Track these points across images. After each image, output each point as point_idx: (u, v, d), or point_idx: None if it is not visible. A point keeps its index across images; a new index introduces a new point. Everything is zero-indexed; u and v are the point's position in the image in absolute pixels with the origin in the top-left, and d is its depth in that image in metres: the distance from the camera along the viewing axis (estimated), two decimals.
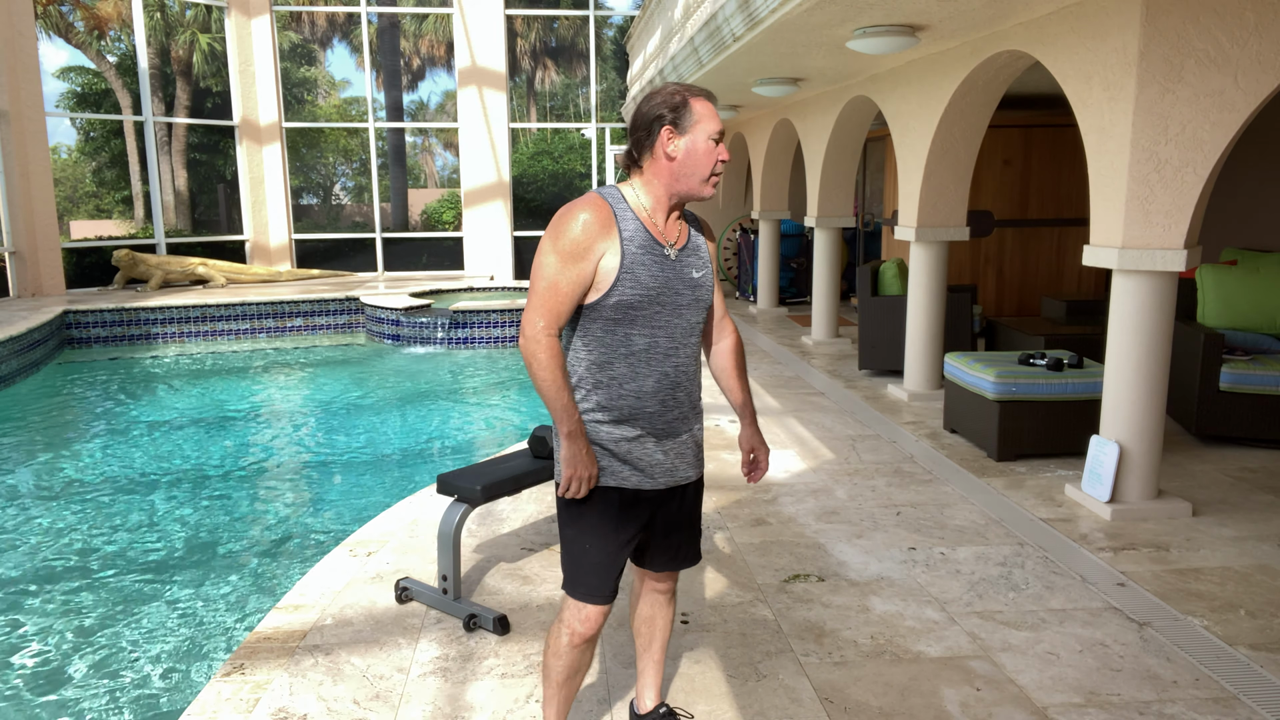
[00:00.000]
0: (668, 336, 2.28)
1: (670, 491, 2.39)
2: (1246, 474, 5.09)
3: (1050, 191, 9.39)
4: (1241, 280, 6.14)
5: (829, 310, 9.35)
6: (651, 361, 2.27)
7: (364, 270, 15.10)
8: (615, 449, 2.29)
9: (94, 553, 4.90)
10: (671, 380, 2.30)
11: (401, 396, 8.41)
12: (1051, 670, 3.05)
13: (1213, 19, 3.98)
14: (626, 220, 2.22)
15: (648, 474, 2.32)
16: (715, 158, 2.24)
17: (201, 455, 6.69)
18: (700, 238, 2.38)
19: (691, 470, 2.41)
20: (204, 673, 3.62)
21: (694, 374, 2.37)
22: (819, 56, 6.56)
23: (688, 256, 2.31)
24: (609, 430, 2.29)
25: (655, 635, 2.60)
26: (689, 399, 2.36)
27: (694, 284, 2.30)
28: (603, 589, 2.32)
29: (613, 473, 2.30)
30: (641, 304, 2.22)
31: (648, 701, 2.65)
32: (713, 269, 2.40)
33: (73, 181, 20.47)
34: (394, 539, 4.22)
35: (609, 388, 2.27)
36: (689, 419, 2.38)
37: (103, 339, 11.03)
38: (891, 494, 4.81)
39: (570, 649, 2.38)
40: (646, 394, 2.27)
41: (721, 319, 2.51)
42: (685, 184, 2.24)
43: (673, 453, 2.35)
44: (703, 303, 2.33)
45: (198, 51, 16.33)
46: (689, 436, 2.39)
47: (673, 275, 2.26)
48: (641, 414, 2.29)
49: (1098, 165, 4.46)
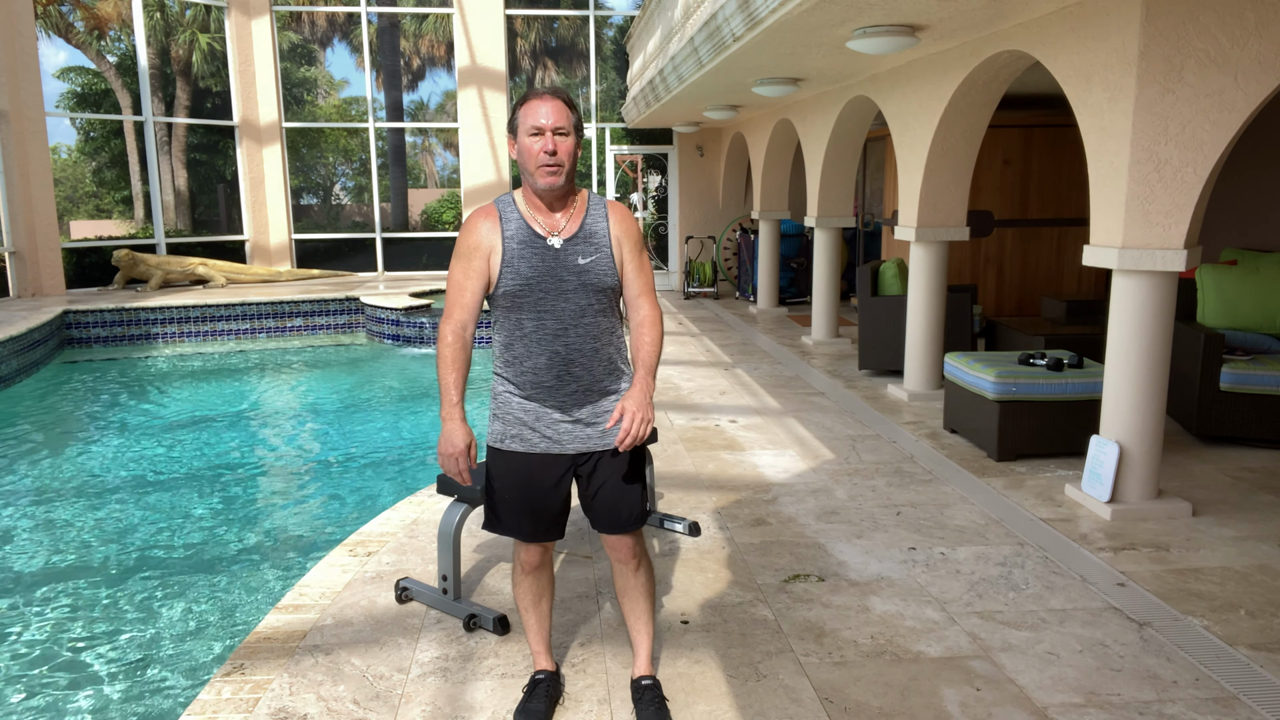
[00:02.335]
0: (555, 319, 2.54)
1: (588, 456, 2.65)
2: (1246, 474, 5.09)
3: (1050, 191, 9.39)
4: (1241, 280, 6.13)
5: (829, 310, 9.35)
6: (542, 341, 2.55)
7: (364, 270, 15.10)
8: (524, 418, 2.62)
9: (93, 553, 4.90)
10: (563, 358, 2.56)
11: (401, 396, 8.41)
12: (1051, 670, 3.05)
13: (1213, 19, 3.98)
14: (510, 221, 2.55)
15: (556, 440, 2.62)
16: (537, 150, 2.46)
17: (201, 455, 6.69)
18: (602, 223, 2.60)
19: (609, 439, 2.63)
20: (204, 673, 3.62)
21: (593, 351, 2.59)
22: (819, 56, 6.56)
23: (576, 245, 2.55)
24: (519, 402, 2.62)
25: (629, 605, 2.81)
26: (589, 375, 2.59)
27: (579, 270, 2.54)
28: (522, 530, 2.69)
29: (523, 439, 2.62)
30: (524, 291, 2.52)
31: (636, 669, 2.87)
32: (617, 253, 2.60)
33: (73, 181, 20.46)
34: (394, 539, 4.22)
35: (513, 365, 2.60)
36: (594, 392, 2.61)
37: (103, 339, 11.02)
38: (891, 494, 4.81)
39: (524, 576, 2.79)
40: (541, 370, 2.57)
41: (636, 299, 2.66)
42: (529, 179, 2.52)
43: (582, 422, 2.62)
44: (591, 286, 2.55)
45: (197, 51, 16.33)
46: (597, 406, 2.62)
47: (555, 264, 2.53)
48: (541, 388, 2.59)
49: (1098, 165, 4.46)
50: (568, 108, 2.51)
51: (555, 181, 2.49)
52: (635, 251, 2.65)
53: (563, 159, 2.49)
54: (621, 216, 2.65)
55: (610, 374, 2.64)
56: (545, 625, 2.88)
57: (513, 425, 2.63)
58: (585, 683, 3.00)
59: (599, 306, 2.58)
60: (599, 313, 2.59)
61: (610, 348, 2.63)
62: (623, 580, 2.79)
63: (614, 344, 2.65)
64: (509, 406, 2.63)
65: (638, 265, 2.65)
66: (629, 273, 2.63)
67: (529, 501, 2.65)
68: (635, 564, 2.76)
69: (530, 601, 2.83)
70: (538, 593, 2.82)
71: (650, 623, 2.83)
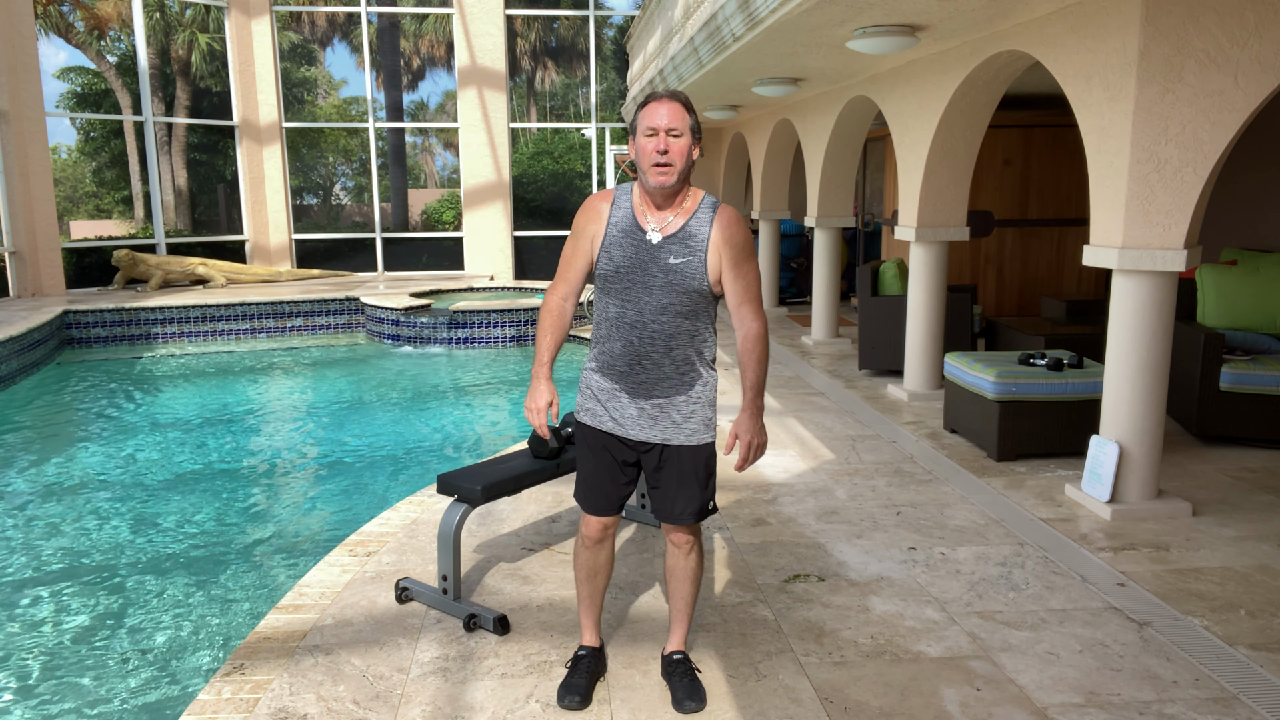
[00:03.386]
0: (635, 310, 2.65)
1: (650, 446, 2.77)
2: (1246, 474, 5.09)
3: (1050, 191, 9.39)
4: (1241, 280, 6.13)
5: (829, 310, 9.35)
6: (621, 328, 2.68)
7: (364, 270, 15.10)
8: (598, 395, 2.78)
9: (92, 553, 4.90)
10: (636, 349, 2.67)
11: (401, 396, 8.41)
12: (1051, 670, 3.05)
13: (1213, 19, 3.98)
14: (620, 208, 2.69)
15: (620, 424, 2.76)
16: (650, 149, 2.58)
17: (201, 455, 6.69)
18: (704, 228, 2.65)
19: (670, 435, 2.74)
20: (204, 673, 3.62)
21: (666, 350, 2.67)
22: (819, 56, 6.56)
23: (672, 244, 2.63)
24: (597, 379, 2.78)
25: (674, 586, 2.93)
26: (659, 370, 2.69)
27: (668, 268, 2.62)
28: (587, 502, 2.83)
29: (593, 414, 2.79)
30: (614, 277, 2.65)
31: (670, 645, 3.00)
32: (714, 259, 2.64)
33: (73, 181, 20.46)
34: (394, 539, 4.22)
35: (598, 343, 2.76)
36: (662, 388, 2.71)
37: (103, 339, 11.02)
38: (891, 494, 4.81)
39: (583, 550, 2.91)
40: (616, 355, 2.71)
41: (738, 308, 2.70)
42: (642, 176, 2.64)
43: (646, 412, 2.73)
44: (677, 286, 2.62)
45: (197, 51, 16.33)
46: (664, 404, 2.72)
47: (647, 258, 2.63)
48: (613, 370, 2.73)
49: (1098, 165, 4.46)
50: (684, 110, 2.61)
51: (665, 180, 2.59)
52: (738, 260, 2.66)
53: (674, 158, 2.58)
54: (727, 222, 2.66)
55: (685, 374, 2.72)
56: (596, 601, 2.99)
57: (588, 399, 2.81)
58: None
59: (682, 307, 2.64)
60: (680, 313, 2.65)
61: (689, 349, 2.70)
62: (674, 560, 2.91)
63: (695, 346, 2.70)
64: (588, 381, 2.81)
65: (738, 273, 2.66)
66: (729, 280, 2.67)
67: (596, 473, 2.81)
68: (688, 549, 2.88)
69: (585, 575, 2.95)
70: (593, 568, 2.93)
71: (691, 605, 2.96)
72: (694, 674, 2.92)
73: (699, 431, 2.75)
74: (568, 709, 2.83)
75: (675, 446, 2.75)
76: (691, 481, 2.77)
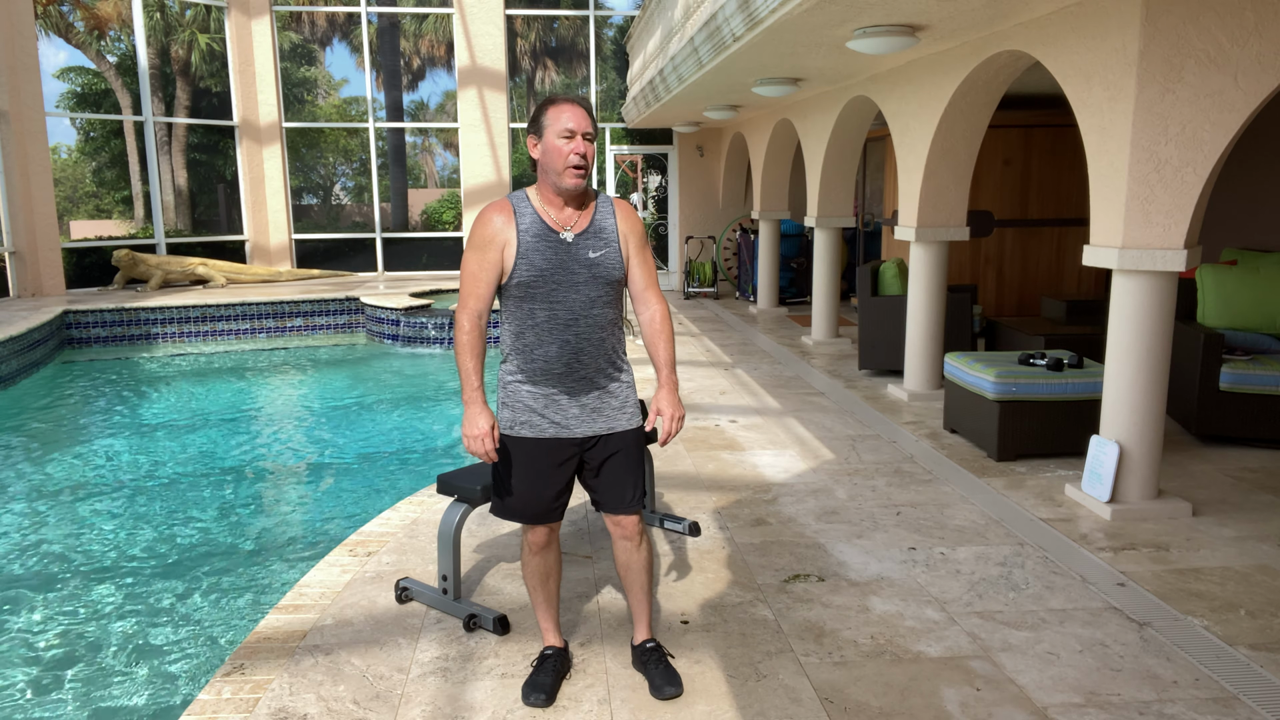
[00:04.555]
0: (566, 309, 2.71)
1: (595, 441, 2.82)
2: (1246, 474, 5.09)
3: (1050, 191, 9.39)
4: (1241, 280, 6.13)
5: (829, 310, 9.35)
6: (554, 331, 2.72)
7: (364, 270, 15.10)
8: (533, 405, 2.78)
9: (92, 553, 4.90)
10: (573, 347, 2.73)
11: (401, 396, 8.41)
12: (1051, 670, 3.05)
13: (1213, 19, 3.98)
14: (524, 215, 2.71)
15: (564, 425, 2.79)
16: (568, 151, 2.63)
17: (201, 455, 6.69)
18: (610, 220, 2.78)
19: (614, 423, 2.82)
20: (204, 673, 3.62)
21: (600, 340, 2.76)
22: (819, 56, 6.56)
23: (587, 239, 2.73)
24: (528, 390, 2.78)
25: (631, 580, 2.98)
26: (595, 363, 2.77)
27: (590, 263, 2.71)
28: (526, 513, 2.85)
29: (532, 425, 2.79)
30: (537, 282, 2.68)
31: (638, 636, 3.05)
32: (624, 248, 2.77)
33: (73, 181, 20.47)
34: (394, 539, 4.22)
35: (523, 353, 2.76)
36: (600, 379, 2.79)
37: (103, 339, 11.02)
38: (891, 494, 4.81)
39: (531, 556, 2.95)
40: (552, 358, 2.73)
41: (643, 292, 2.86)
42: (552, 178, 2.68)
43: (588, 407, 2.80)
44: (601, 279, 2.72)
45: (197, 51, 16.33)
46: (603, 393, 2.81)
47: (567, 257, 2.70)
48: (550, 375, 2.75)
49: (1098, 165, 4.46)
50: (590, 114, 2.72)
51: (580, 183, 2.69)
52: (640, 247, 2.84)
53: (589, 162, 2.70)
54: (627, 214, 2.83)
55: (613, 362, 2.83)
56: (553, 603, 3.03)
57: (522, 412, 2.79)
58: (585, 683, 3.00)
59: (606, 298, 2.76)
60: (606, 304, 2.77)
61: (614, 338, 2.83)
62: (625, 555, 2.95)
63: (616, 335, 2.84)
64: (518, 395, 2.80)
65: (642, 259, 2.84)
66: (634, 267, 2.82)
67: (536, 485, 2.82)
68: (638, 540, 2.93)
69: (538, 580, 2.98)
70: (545, 571, 2.98)
71: (650, 594, 3.02)
72: (668, 660, 2.99)
73: (635, 414, 2.89)
74: (533, 706, 2.85)
75: (620, 433, 2.84)
76: (636, 464, 2.88)
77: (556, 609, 3.05)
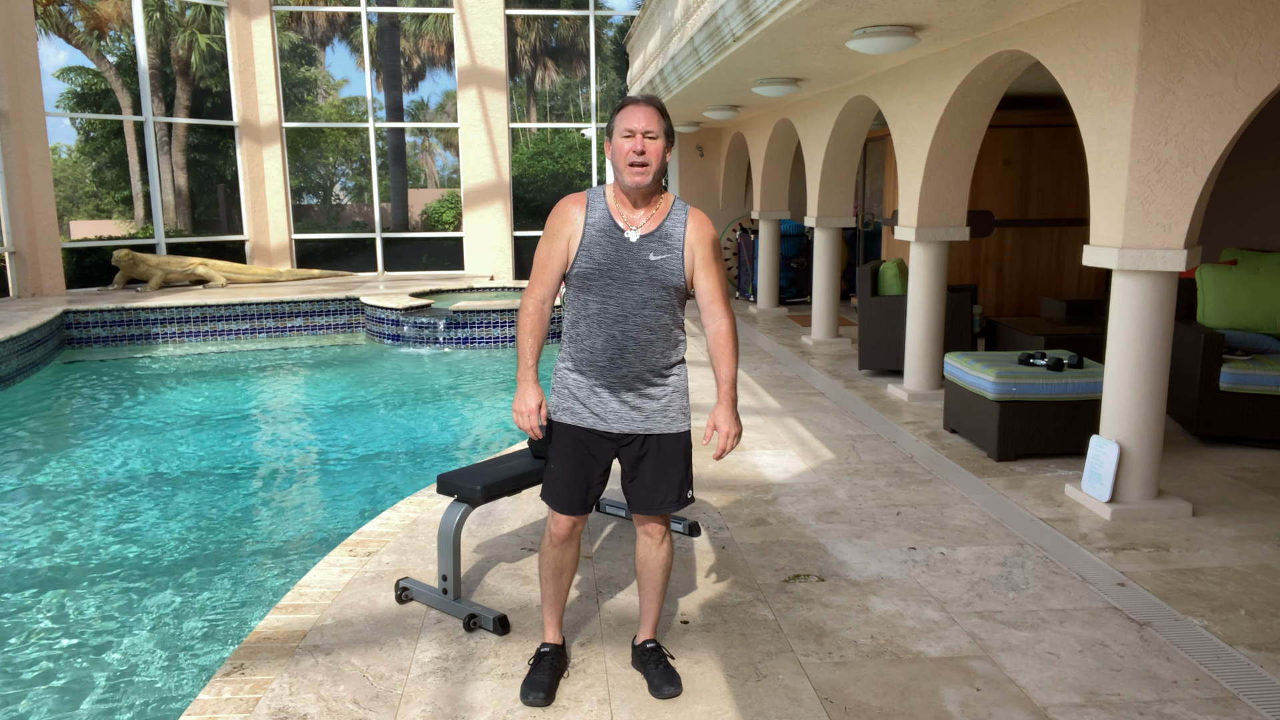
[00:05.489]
0: (618, 305, 2.74)
1: (631, 439, 2.84)
2: (1246, 474, 5.09)
3: (1050, 191, 9.39)
4: (1241, 280, 6.13)
5: (829, 310, 9.35)
6: (603, 324, 2.75)
7: (364, 270, 15.10)
8: (576, 393, 2.83)
9: (93, 553, 4.90)
10: (619, 343, 2.75)
11: (401, 396, 8.41)
12: (1051, 670, 3.05)
13: (1213, 19, 3.98)
14: (596, 209, 2.77)
15: (603, 418, 2.82)
16: (627, 149, 2.68)
17: (201, 455, 6.69)
18: (679, 227, 2.78)
19: (652, 425, 2.82)
20: (204, 673, 3.62)
21: (648, 342, 2.77)
22: (819, 56, 6.56)
23: (651, 241, 2.74)
24: (575, 378, 2.83)
25: (646, 577, 2.99)
26: (641, 363, 2.78)
27: (649, 265, 2.73)
28: (560, 502, 2.86)
29: (573, 413, 2.83)
30: (594, 275, 2.73)
31: (641, 635, 3.07)
32: (689, 257, 2.77)
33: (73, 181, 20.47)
34: (394, 539, 4.22)
35: (575, 342, 2.81)
36: (644, 380, 2.80)
37: (103, 339, 11.02)
38: (891, 494, 4.81)
39: (550, 547, 2.94)
40: (598, 350, 2.77)
41: (709, 305, 2.84)
42: (618, 176, 2.74)
43: (629, 405, 2.81)
44: (658, 281, 2.74)
45: (197, 51, 16.33)
46: (644, 394, 2.81)
47: (627, 255, 2.73)
48: (594, 367, 2.79)
49: (1098, 165, 4.46)
50: (659, 114, 2.73)
51: (641, 180, 2.70)
52: (709, 259, 2.81)
53: (649, 159, 2.70)
54: (699, 224, 2.81)
55: (662, 366, 2.83)
56: (561, 599, 3.04)
57: (566, 399, 2.84)
58: (585, 683, 3.00)
59: (660, 302, 2.77)
60: (659, 308, 2.77)
61: (665, 342, 2.82)
62: (645, 552, 2.97)
63: (670, 340, 2.83)
64: (565, 381, 2.85)
65: (709, 272, 2.81)
66: (700, 279, 2.81)
67: (569, 472, 2.85)
68: (660, 538, 2.95)
69: (551, 573, 2.98)
70: (560, 566, 2.98)
71: (662, 595, 3.02)
72: (668, 660, 3.00)
73: (678, 420, 2.87)
74: (532, 705, 2.85)
75: (657, 435, 2.84)
76: (671, 470, 2.87)
77: (563, 607, 3.05)
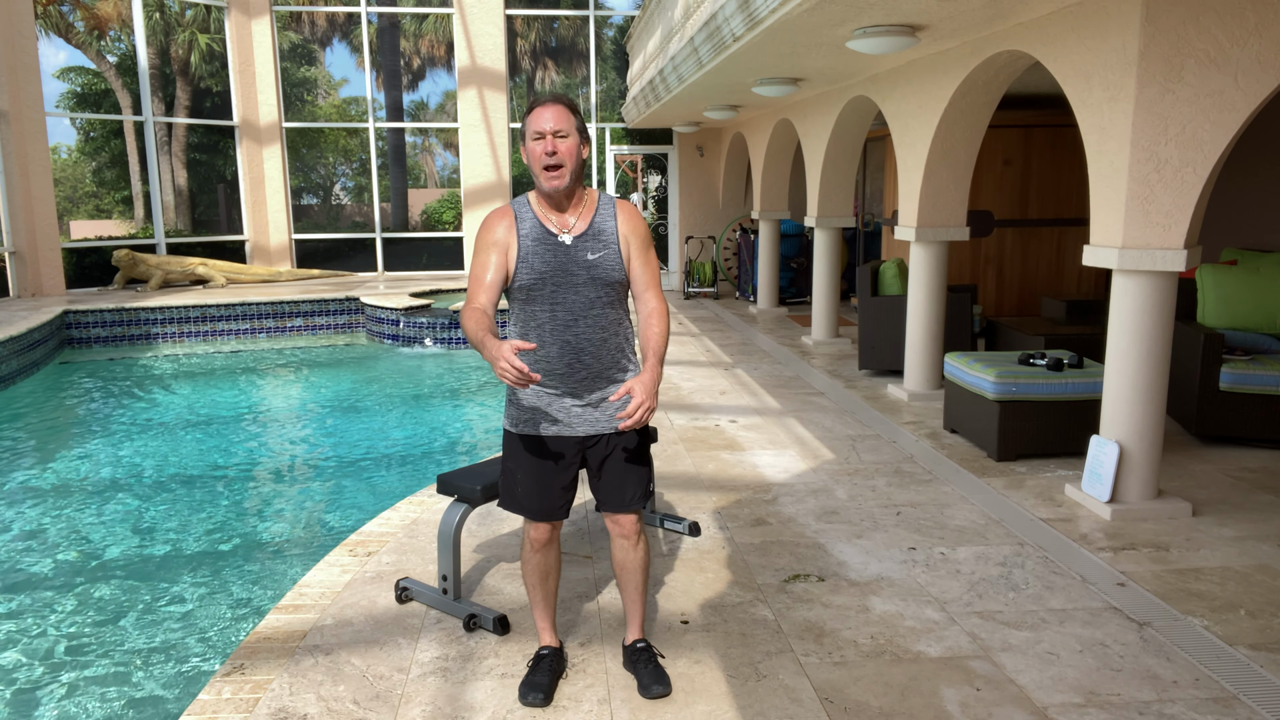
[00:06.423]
0: (566, 310, 2.73)
1: (597, 439, 2.84)
2: (1246, 474, 5.09)
3: (1050, 191, 9.39)
4: (1241, 280, 6.13)
5: (829, 310, 9.35)
6: (554, 331, 2.74)
7: (364, 270, 15.10)
8: (536, 403, 2.81)
9: (93, 553, 4.90)
10: (574, 347, 2.75)
11: (401, 397, 8.41)
12: (1051, 670, 3.05)
13: (1213, 19, 3.98)
14: (525, 220, 2.75)
15: (567, 424, 2.81)
16: (539, 152, 2.65)
17: (201, 455, 6.69)
18: (610, 221, 2.78)
19: (615, 421, 2.82)
20: (204, 673, 3.62)
21: (602, 341, 2.77)
22: (819, 56, 6.56)
23: (586, 241, 2.74)
24: (532, 388, 2.81)
25: (626, 579, 2.99)
26: (598, 363, 2.78)
27: (588, 264, 2.73)
28: (531, 508, 2.88)
29: (533, 423, 2.82)
30: (538, 285, 2.71)
31: (630, 636, 3.07)
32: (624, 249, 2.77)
33: (73, 181, 20.47)
34: (394, 539, 4.22)
35: (527, 354, 2.77)
36: (603, 379, 2.80)
37: (103, 339, 11.02)
38: (891, 494, 4.81)
39: (532, 554, 2.96)
40: (553, 358, 2.76)
41: (643, 292, 2.84)
42: (537, 181, 2.71)
43: (591, 405, 2.81)
44: (599, 280, 2.73)
45: (197, 51, 16.33)
46: (605, 393, 2.81)
47: (566, 258, 2.72)
48: (553, 375, 2.78)
49: (1098, 165, 4.46)
50: (569, 111, 2.68)
51: (558, 183, 2.68)
52: (642, 248, 2.82)
53: (563, 159, 2.66)
54: (629, 215, 2.83)
55: (618, 362, 2.84)
56: (551, 602, 3.04)
57: (525, 411, 2.83)
58: (585, 683, 3.00)
59: (607, 299, 2.77)
60: (607, 305, 2.78)
61: (618, 338, 2.83)
62: (622, 554, 2.96)
63: (621, 334, 2.84)
64: (519, 395, 2.84)
65: (644, 261, 2.83)
66: (635, 268, 2.81)
67: (539, 481, 2.85)
68: (635, 539, 2.95)
69: (537, 579, 2.99)
70: (544, 570, 2.98)
71: (644, 594, 3.03)
72: (657, 660, 3.00)
73: None
74: (531, 706, 2.85)
75: (621, 433, 2.84)
76: (637, 464, 2.88)
77: (554, 609, 3.06)
